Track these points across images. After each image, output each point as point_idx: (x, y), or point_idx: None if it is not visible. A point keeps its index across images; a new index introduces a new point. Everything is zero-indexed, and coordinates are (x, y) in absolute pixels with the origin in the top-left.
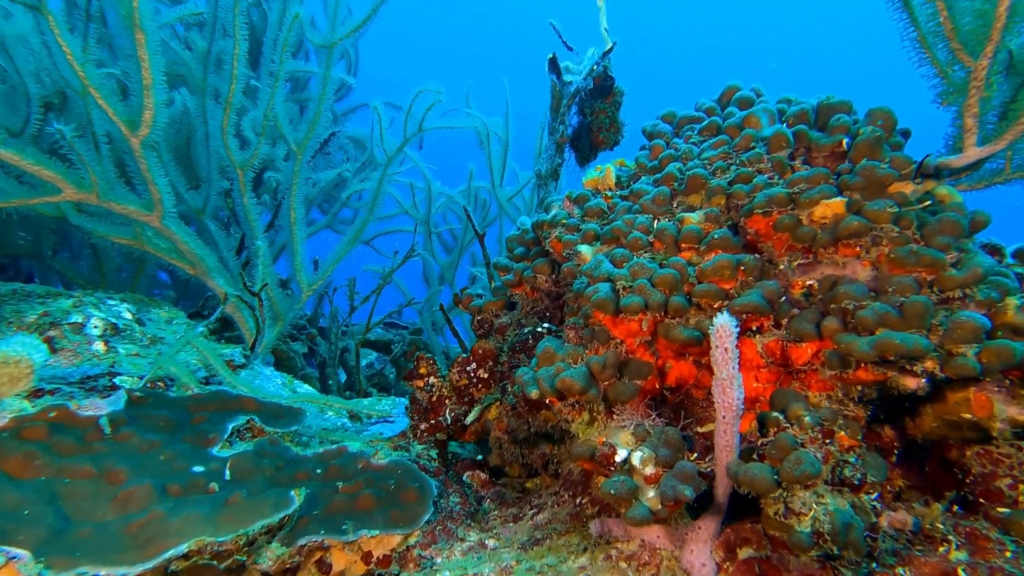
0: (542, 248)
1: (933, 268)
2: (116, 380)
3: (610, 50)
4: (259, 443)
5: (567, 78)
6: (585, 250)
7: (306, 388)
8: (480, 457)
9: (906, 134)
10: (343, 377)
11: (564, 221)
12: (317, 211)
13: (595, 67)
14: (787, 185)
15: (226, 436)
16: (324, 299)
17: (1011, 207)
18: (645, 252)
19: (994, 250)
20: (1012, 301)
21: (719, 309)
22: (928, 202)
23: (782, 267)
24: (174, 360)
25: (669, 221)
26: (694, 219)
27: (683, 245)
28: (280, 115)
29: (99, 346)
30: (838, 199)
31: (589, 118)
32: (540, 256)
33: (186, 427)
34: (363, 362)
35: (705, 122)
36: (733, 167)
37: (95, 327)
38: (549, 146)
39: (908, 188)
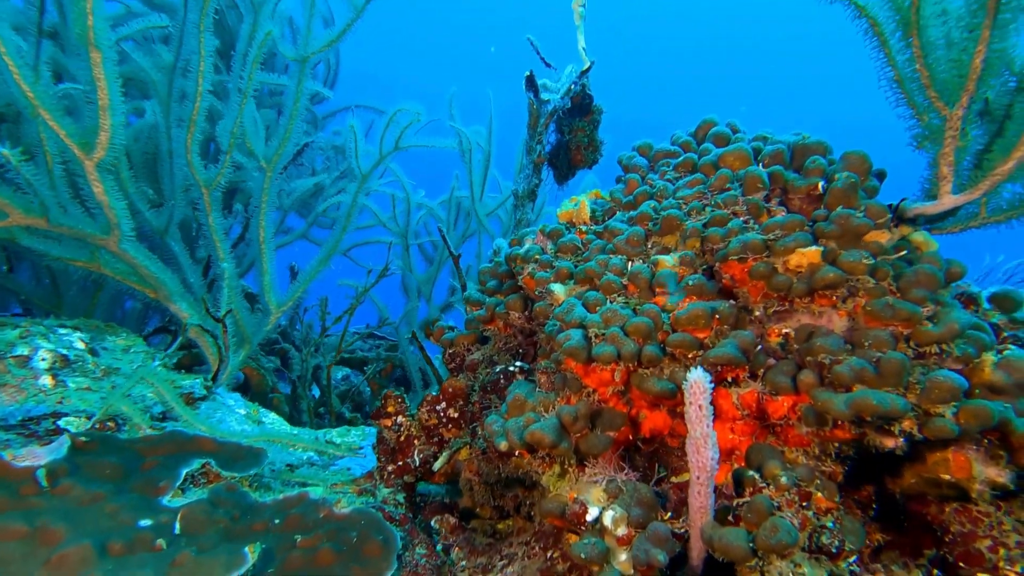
0: (515, 283)
1: (909, 322)
2: (61, 422)
3: (588, 69)
4: (215, 490)
5: (545, 96)
6: (558, 289)
7: (272, 418)
8: (450, 499)
9: (881, 175)
10: (316, 393)
11: (537, 257)
12: (295, 216)
13: (573, 86)
14: (762, 231)
15: (179, 483)
16: (299, 310)
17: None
18: (619, 296)
19: (970, 299)
20: (989, 357)
21: (694, 359)
22: (904, 251)
23: (757, 313)
24: (126, 398)
25: (643, 263)
26: (668, 262)
27: (657, 289)
28: (249, 131)
29: (46, 380)
30: (813, 248)
31: (567, 136)
32: (513, 291)
33: (135, 474)
34: (339, 375)
35: (681, 158)
36: (708, 208)
37: (43, 360)
38: (526, 165)
39: (884, 237)
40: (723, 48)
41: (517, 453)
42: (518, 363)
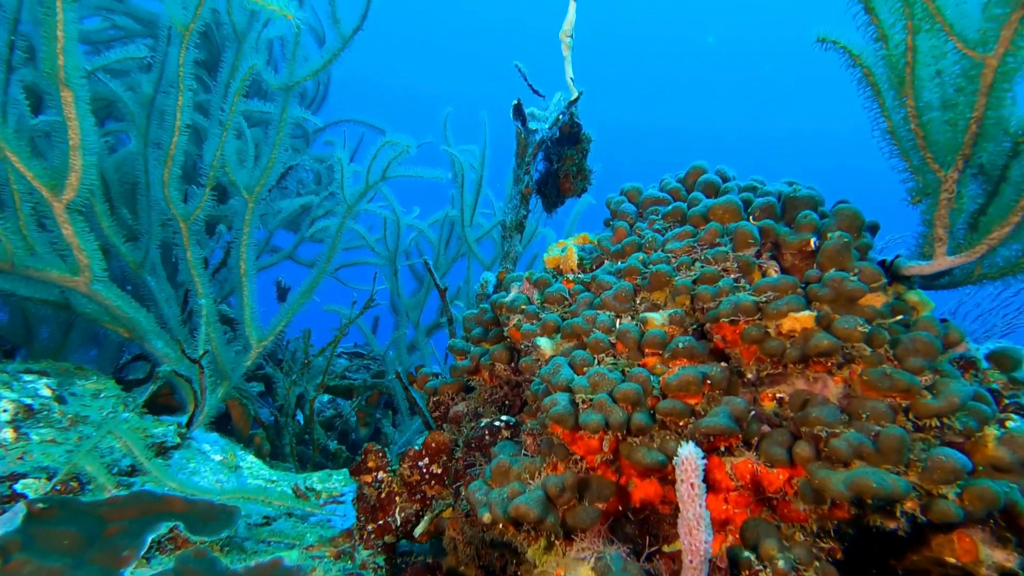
0: (501, 331)
1: (908, 394)
2: (18, 486)
3: (576, 99)
4: (182, 558)
5: (532, 125)
6: (544, 344)
7: (250, 461)
8: (433, 559)
9: (873, 229)
10: (301, 418)
11: (523, 307)
12: (285, 233)
13: (561, 116)
14: (754, 291)
15: (144, 551)
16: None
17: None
18: (607, 355)
19: (969, 363)
20: (991, 432)
21: (685, 427)
22: (900, 315)
23: (750, 375)
24: (91, 453)
25: (632, 322)
26: (658, 321)
27: (647, 350)
28: (230, 162)
29: (8, 434)
30: (807, 313)
31: (556, 165)
32: (498, 340)
33: (97, 542)
34: (326, 397)
35: (670, 207)
36: (698, 264)
37: (4, 411)
38: (514, 195)
39: (879, 300)
40: (717, 55)
41: (501, 525)
42: (504, 418)
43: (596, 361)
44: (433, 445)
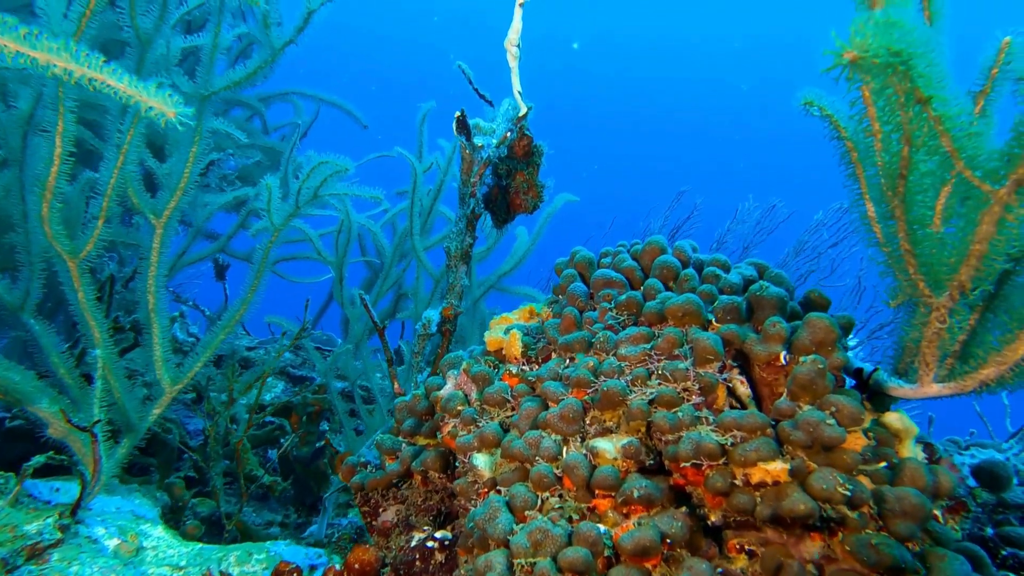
0: (435, 422)
1: (896, 572)
2: None
3: (524, 115)
4: None
5: (479, 140)
6: (482, 465)
7: (156, 538)
8: None
9: (848, 328)
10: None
11: (460, 408)
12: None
13: (509, 134)
14: (718, 425)
15: None
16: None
17: None
18: (552, 495)
19: (959, 506)
20: None
21: None
22: (883, 461)
23: (715, 519)
24: None
25: (581, 451)
26: (609, 455)
27: (598, 491)
28: (133, 183)
29: None
30: (779, 465)
31: (506, 180)
32: (434, 432)
33: None
34: (268, 395)
35: (624, 296)
36: (655, 379)
37: None
38: (460, 219)
39: (859, 444)
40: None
41: None
42: (438, 535)
43: (539, 501)
44: (356, 567)
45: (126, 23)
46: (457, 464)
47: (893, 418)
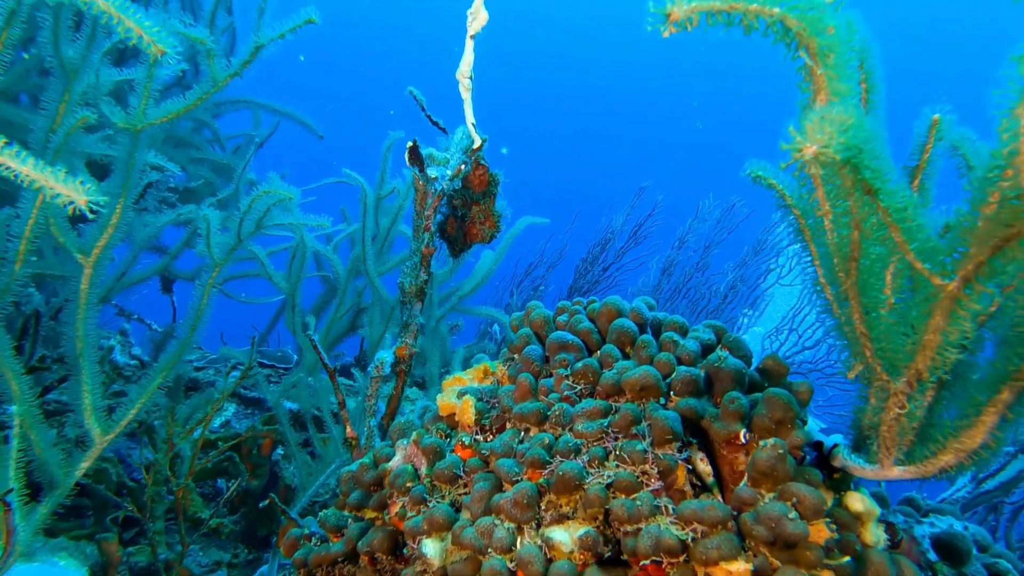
0: (383, 497)
1: None
2: None
3: (479, 147)
4: None
5: (433, 172)
6: (432, 553)
7: None
8: None
9: (806, 397)
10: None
11: (409, 485)
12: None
13: (464, 166)
14: (677, 517)
15: None
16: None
17: None
18: None
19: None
20: None
21: None
22: (846, 557)
23: None
24: None
25: (535, 545)
26: (566, 548)
27: None
28: (59, 225)
29: None
30: (742, 565)
31: (461, 211)
32: (382, 506)
33: None
34: (218, 420)
35: (580, 364)
36: (613, 460)
37: None
38: (414, 252)
39: (822, 536)
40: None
41: None
42: None
43: None
44: None
45: (49, 53)
46: (406, 547)
47: (855, 499)
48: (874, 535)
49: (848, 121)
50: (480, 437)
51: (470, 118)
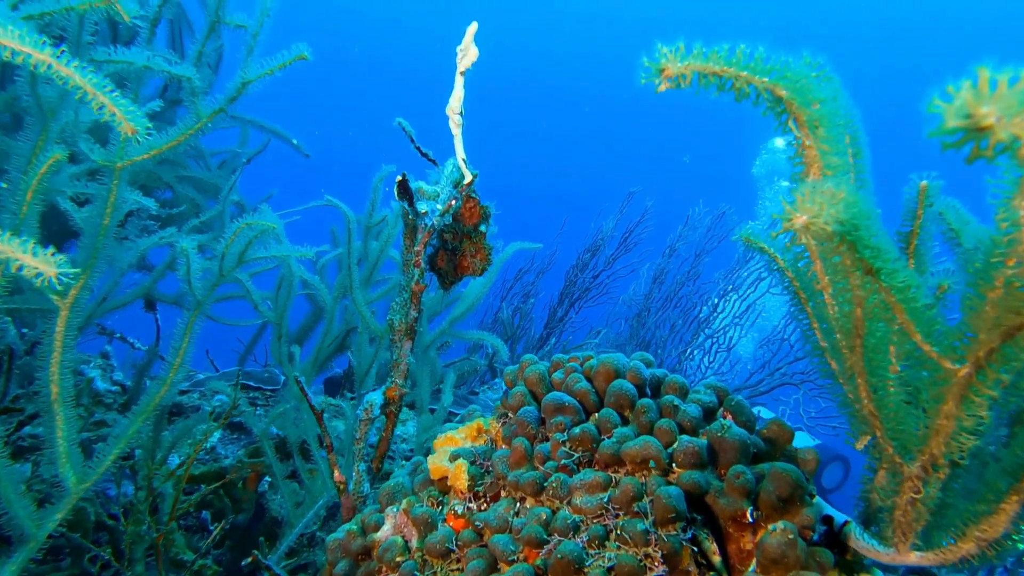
0: (371, 571)
1: None
2: None
3: (470, 183)
4: None
5: (422, 206)
6: None
7: None
8: None
9: (814, 467)
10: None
11: (399, 560)
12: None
13: (454, 202)
14: None
15: None
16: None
17: None
18: None
19: None
20: None
21: None
22: None
23: None
24: None
25: None
26: None
27: None
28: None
29: None
30: None
31: (452, 244)
32: None
33: None
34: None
35: (578, 430)
36: (613, 541)
37: None
38: (404, 289)
39: None
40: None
41: None
42: None
43: None
44: None
45: (26, 92)
46: None
47: None
48: None
49: (840, 196)
50: (474, 505)
51: (460, 153)
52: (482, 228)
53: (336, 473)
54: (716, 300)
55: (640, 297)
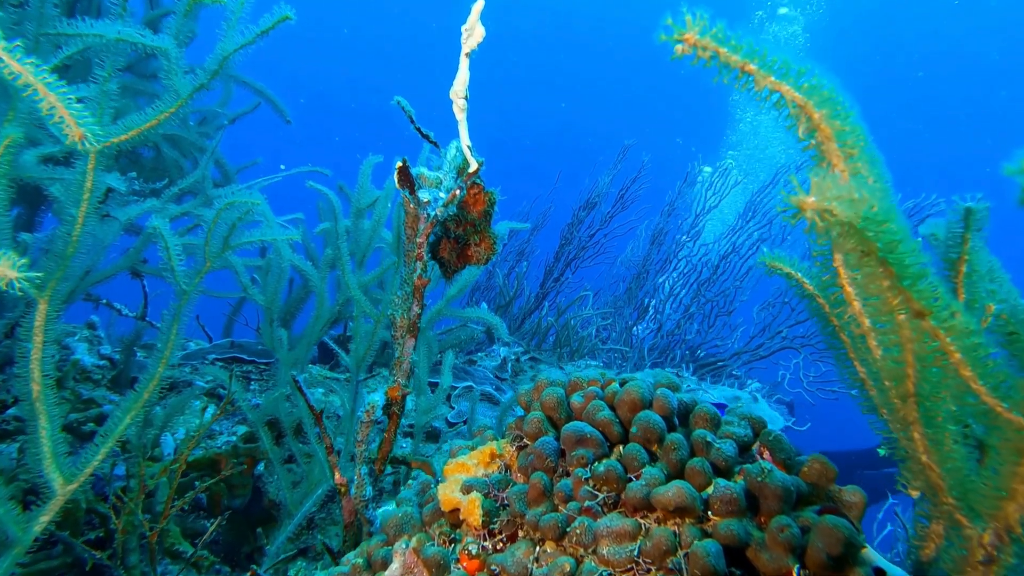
0: None
1: None
2: None
3: (475, 172)
4: None
5: (424, 195)
6: None
7: None
8: None
9: (862, 511)
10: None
11: None
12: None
13: (459, 191)
14: None
15: None
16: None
17: None
18: None
19: None
20: None
21: None
22: None
23: None
24: None
25: None
26: None
27: None
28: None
29: None
30: None
31: (455, 232)
32: None
33: None
34: (196, 423)
35: (601, 468)
36: None
37: None
38: (405, 283)
39: None
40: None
41: None
42: None
43: None
44: None
45: None
46: None
47: None
48: None
49: (872, 204)
50: (489, 544)
51: (465, 140)
52: (488, 214)
53: (337, 475)
54: (717, 263)
55: (639, 260)
